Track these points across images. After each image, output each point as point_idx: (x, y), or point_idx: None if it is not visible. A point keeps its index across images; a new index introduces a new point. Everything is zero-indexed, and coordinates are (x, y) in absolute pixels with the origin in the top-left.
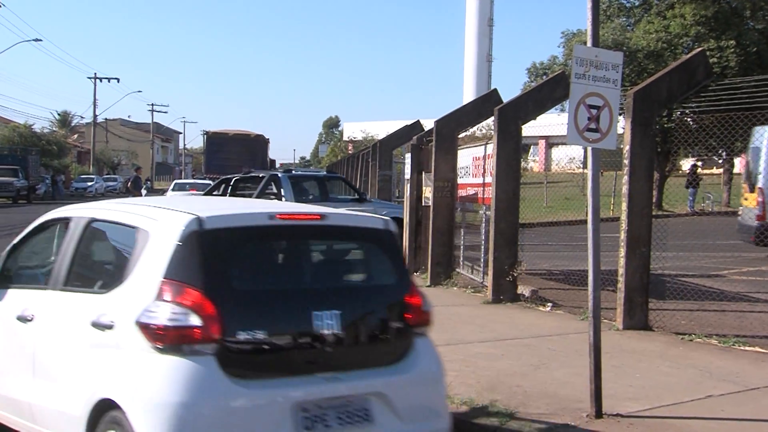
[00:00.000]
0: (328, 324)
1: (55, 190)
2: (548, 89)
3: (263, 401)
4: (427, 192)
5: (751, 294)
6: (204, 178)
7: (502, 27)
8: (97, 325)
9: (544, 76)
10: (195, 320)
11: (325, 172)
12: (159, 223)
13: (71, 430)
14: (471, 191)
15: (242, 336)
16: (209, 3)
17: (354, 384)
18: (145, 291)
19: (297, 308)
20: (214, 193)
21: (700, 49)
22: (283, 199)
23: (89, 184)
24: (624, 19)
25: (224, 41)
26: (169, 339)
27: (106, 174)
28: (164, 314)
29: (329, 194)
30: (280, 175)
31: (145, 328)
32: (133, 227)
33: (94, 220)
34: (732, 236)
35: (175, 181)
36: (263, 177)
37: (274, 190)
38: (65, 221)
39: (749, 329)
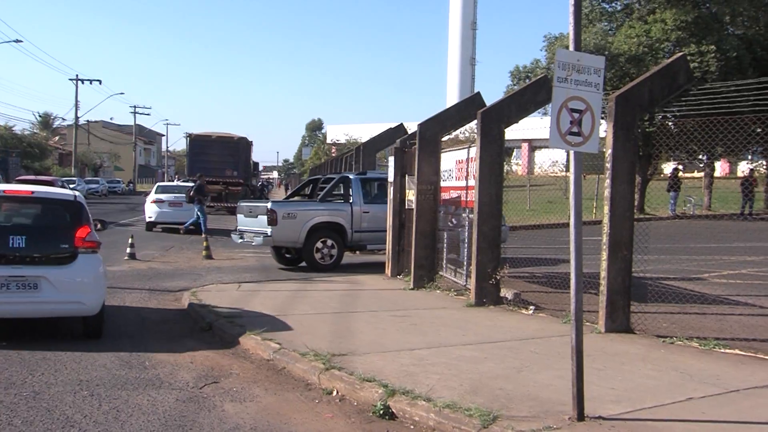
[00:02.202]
0: (18, 242)
1: None
2: (531, 93)
3: None
4: (411, 195)
5: (731, 297)
6: (187, 181)
7: (486, 30)
8: None
9: (527, 80)
10: None
11: None
12: None
13: None
14: (454, 194)
15: None
16: (192, 6)
17: (30, 271)
18: None
19: (2, 234)
20: (304, 190)
21: (680, 53)
22: (351, 199)
23: (71, 186)
24: (606, 23)
25: (208, 44)
26: None
27: (88, 176)
28: None
29: None
30: (351, 176)
31: None
32: None
33: None
34: (712, 239)
35: (158, 184)
36: (333, 179)
37: (342, 191)
38: None
39: (729, 332)
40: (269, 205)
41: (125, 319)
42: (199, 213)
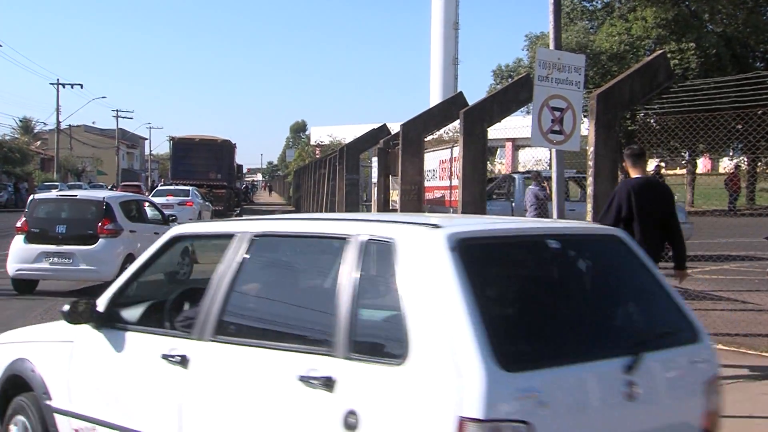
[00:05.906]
0: (61, 229)
1: (18, 197)
2: (513, 92)
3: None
4: (395, 195)
5: (714, 292)
6: (170, 184)
7: (468, 29)
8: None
9: (510, 79)
10: None
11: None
12: None
13: None
14: (438, 194)
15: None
16: (173, 9)
17: (69, 249)
18: None
19: (52, 224)
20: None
21: (660, 51)
22: (513, 198)
23: (53, 191)
24: (587, 22)
25: (191, 47)
26: None
27: (71, 181)
28: None
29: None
30: (516, 176)
31: None
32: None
33: None
34: (695, 235)
35: (158, 188)
36: (495, 179)
37: (503, 191)
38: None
39: (712, 327)
40: None
41: None
42: None
